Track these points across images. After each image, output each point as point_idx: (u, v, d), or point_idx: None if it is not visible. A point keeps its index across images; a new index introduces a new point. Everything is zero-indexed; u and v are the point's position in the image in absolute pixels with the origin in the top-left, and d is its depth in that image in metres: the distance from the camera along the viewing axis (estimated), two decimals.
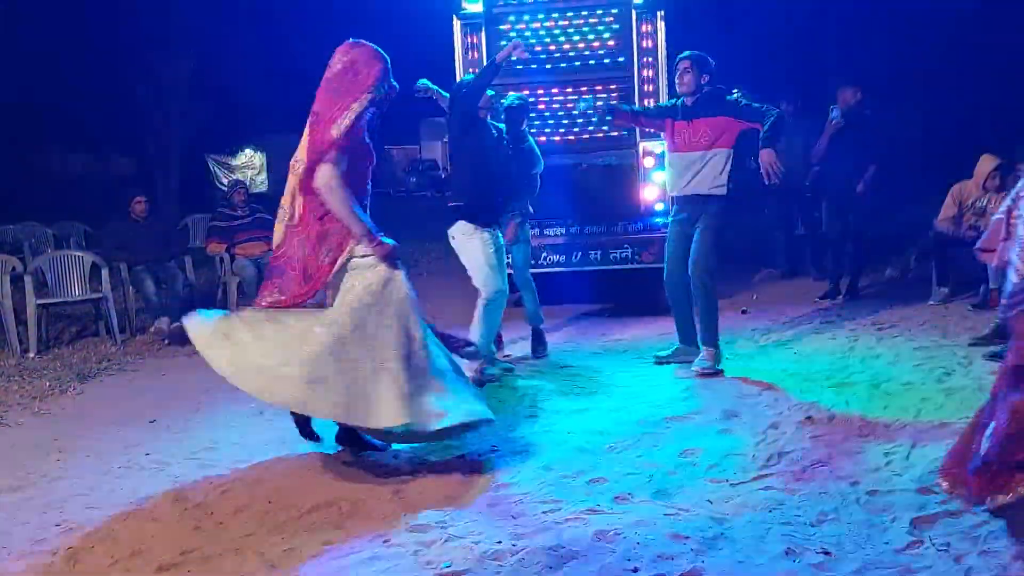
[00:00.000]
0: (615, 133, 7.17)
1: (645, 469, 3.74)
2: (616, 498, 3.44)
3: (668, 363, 5.51)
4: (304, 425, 4.09)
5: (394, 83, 3.95)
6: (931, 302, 6.93)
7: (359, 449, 4.06)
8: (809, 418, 4.29)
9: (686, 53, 5.33)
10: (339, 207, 3.75)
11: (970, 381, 4.77)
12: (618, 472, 3.72)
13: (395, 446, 4.08)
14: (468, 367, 5.25)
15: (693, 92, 5.28)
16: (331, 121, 3.74)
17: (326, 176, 3.72)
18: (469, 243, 5.30)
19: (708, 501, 3.37)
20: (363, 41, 3.93)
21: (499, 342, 5.97)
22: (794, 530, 3.07)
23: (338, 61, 3.86)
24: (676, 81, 5.38)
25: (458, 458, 4.01)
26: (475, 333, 5.20)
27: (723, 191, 5.26)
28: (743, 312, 7.23)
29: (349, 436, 4.05)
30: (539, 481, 3.67)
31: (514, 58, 5.30)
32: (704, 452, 3.91)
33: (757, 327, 6.62)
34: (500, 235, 5.47)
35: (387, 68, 3.90)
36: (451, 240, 5.43)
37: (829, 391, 4.77)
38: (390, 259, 3.89)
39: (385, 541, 3.16)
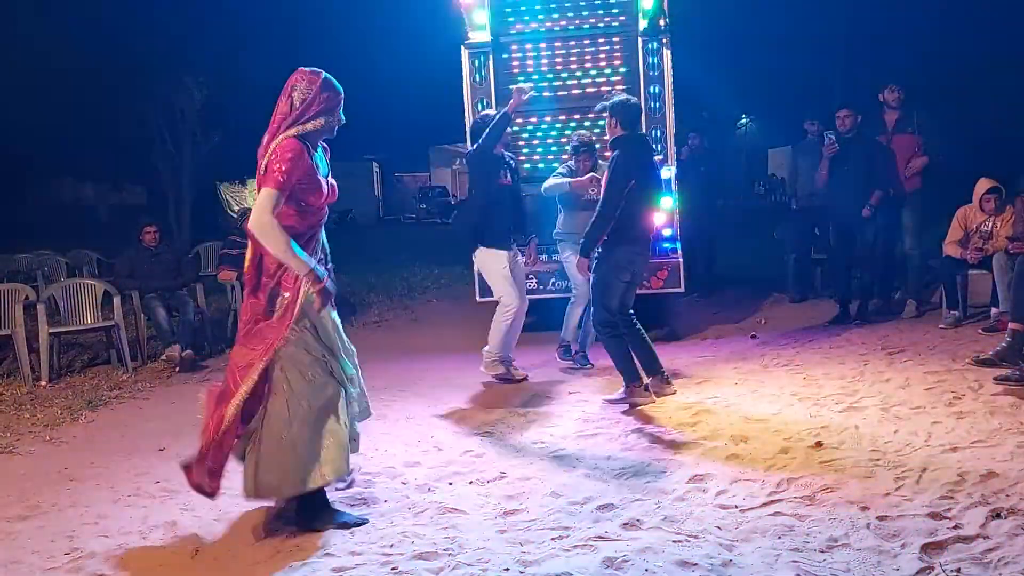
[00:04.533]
0: None
1: (653, 495, 3.73)
2: (624, 524, 3.43)
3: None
4: None
5: (341, 116, 3.63)
6: (941, 326, 6.90)
7: None
8: (819, 443, 4.27)
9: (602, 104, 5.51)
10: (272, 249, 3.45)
11: (981, 405, 4.74)
12: (626, 498, 3.70)
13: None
14: (486, 371, 5.98)
15: (610, 139, 5.46)
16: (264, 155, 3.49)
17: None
18: (487, 261, 6.01)
19: (717, 527, 3.35)
20: (305, 68, 3.59)
21: (568, 350, 6.46)
22: (804, 556, 3.05)
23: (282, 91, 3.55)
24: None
25: (467, 484, 4.01)
26: (492, 336, 5.95)
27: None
28: (752, 337, 7.22)
29: None
30: (547, 508, 3.66)
31: (525, 98, 5.74)
32: (713, 478, 3.89)
33: (766, 351, 6.61)
34: (519, 254, 6.09)
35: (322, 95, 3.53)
36: (474, 259, 6.18)
37: (839, 415, 4.75)
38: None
39: (393, 568, 3.16)
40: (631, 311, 5.46)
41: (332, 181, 3.70)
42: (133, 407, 6.20)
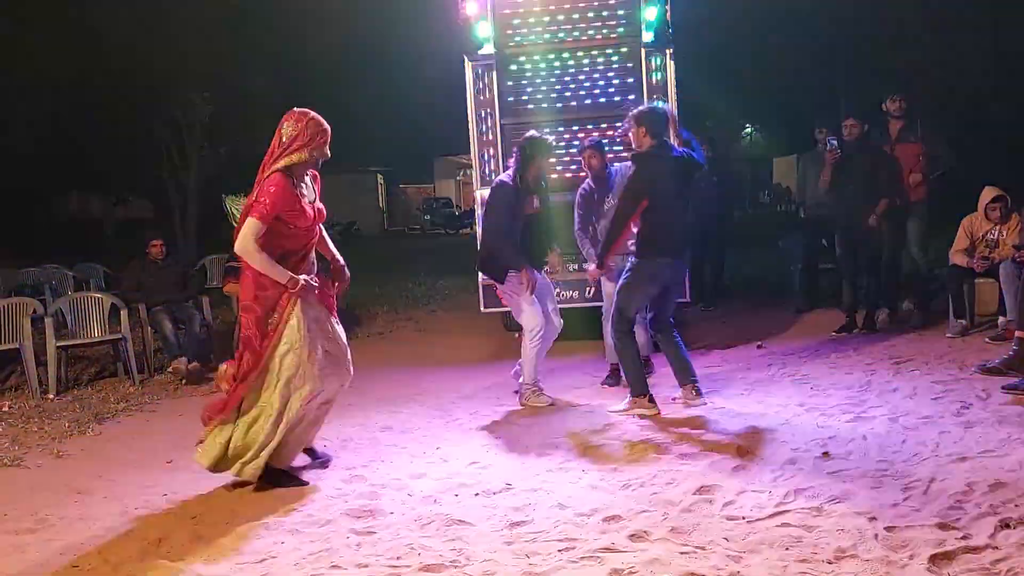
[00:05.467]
0: None
1: (660, 506, 3.72)
2: (631, 536, 3.42)
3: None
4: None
5: (326, 151, 4.26)
6: (948, 335, 6.88)
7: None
8: (826, 453, 4.25)
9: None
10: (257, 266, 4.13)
11: (989, 414, 4.72)
12: (633, 510, 3.69)
13: None
14: (527, 404, 5.66)
15: (635, 148, 5.38)
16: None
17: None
18: (512, 282, 5.64)
19: (724, 538, 3.34)
20: (296, 109, 4.27)
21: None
22: (812, 567, 3.04)
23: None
24: None
25: (473, 496, 4.01)
26: (524, 366, 5.70)
27: (631, 247, 5.39)
28: (759, 347, 7.21)
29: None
30: (553, 519, 3.65)
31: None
32: (720, 488, 3.88)
33: (773, 361, 6.60)
34: (540, 273, 5.74)
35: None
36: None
37: (846, 425, 4.73)
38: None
39: None
40: (671, 319, 5.47)
41: (319, 206, 4.34)
42: (140, 420, 6.22)
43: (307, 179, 4.30)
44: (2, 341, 7.18)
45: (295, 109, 4.24)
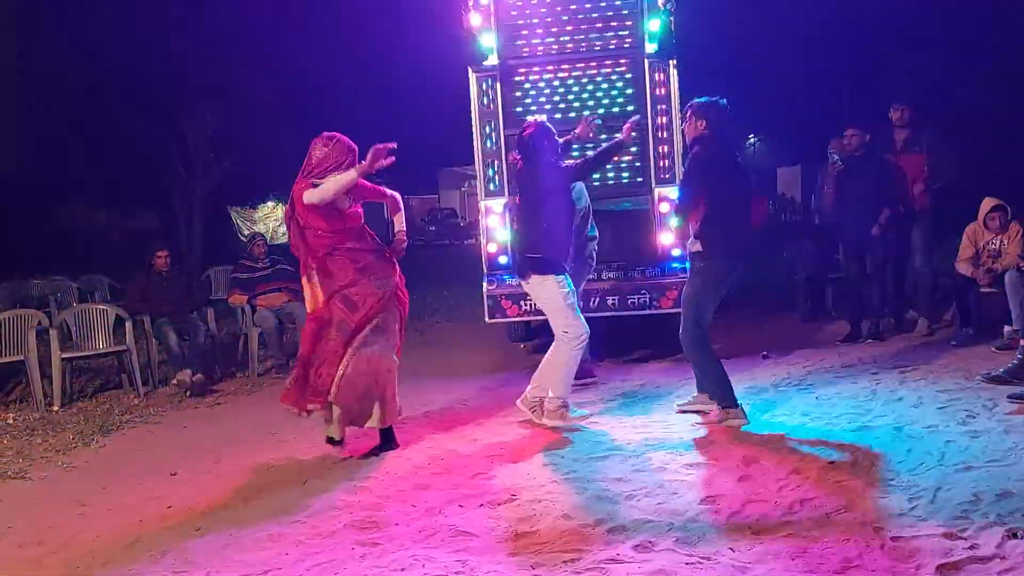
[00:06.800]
0: (627, 178, 7.27)
1: (665, 517, 3.71)
2: (636, 547, 3.41)
3: (688, 412, 5.44)
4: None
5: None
6: (953, 343, 6.86)
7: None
8: (831, 463, 4.24)
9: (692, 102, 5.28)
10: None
11: (995, 424, 4.70)
12: (638, 520, 3.68)
13: None
14: (550, 422, 5.30)
15: (692, 141, 5.24)
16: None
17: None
18: (545, 290, 5.35)
19: (730, 549, 3.33)
20: (326, 132, 4.96)
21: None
22: None
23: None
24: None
25: (477, 507, 4.00)
26: (556, 379, 5.28)
27: (698, 247, 5.15)
28: (764, 356, 7.19)
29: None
30: (558, 530, 3.64)
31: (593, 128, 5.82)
32: (725, 498, 3.87)
33: (778, 370, 6.58)
34: (569, 280, 5.45)
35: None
36: (529, 291, 5.56)
37: (851, 435, 4.72)
38: None
39: None
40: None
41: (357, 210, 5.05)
42: (145, 432, 6.22)
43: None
44: (7, 353, 7.19)
45: (324, 133, 4.80)
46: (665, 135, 7.13)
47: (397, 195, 5.32)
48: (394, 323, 4.99)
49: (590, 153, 6.01)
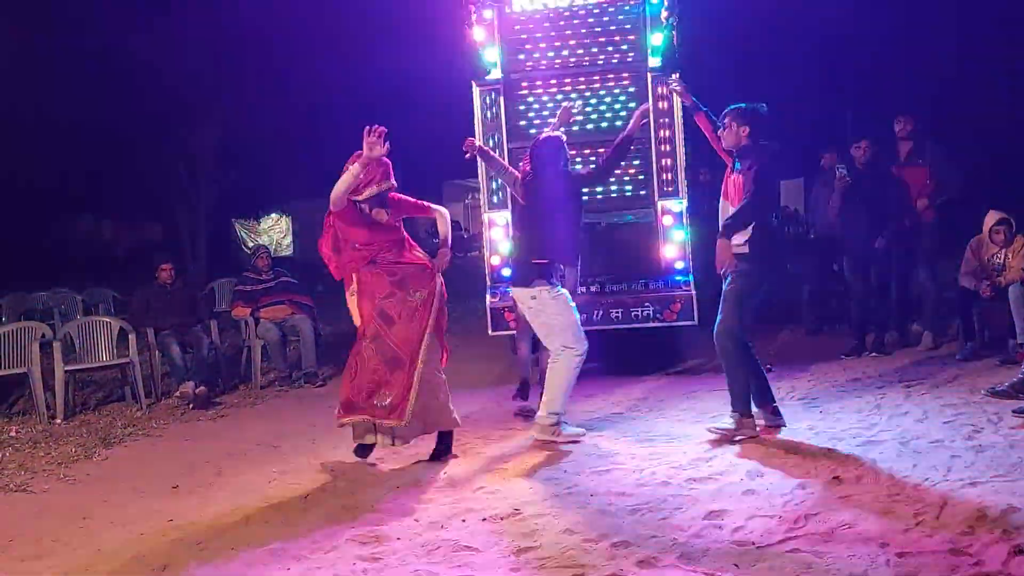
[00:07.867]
0: (630, 192, 7.28)
1: (669, 532, 3.69)
2: (640, 562, 3.39)
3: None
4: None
5: (392, 181, 5.02)
6: (958, 357, 6.83)
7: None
8: (836, 478, 4.22)
9: (730, 107, 5.24)
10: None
11: (1000, 438, 4.68)
12: (642, 535, 3.66)
13: None
14: (540, 436, 5.26)
15: (733, 146, 5.21)
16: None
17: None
18: (553, 301, 5.26)
19: (734, 564, 3.31)
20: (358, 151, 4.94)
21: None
22: None
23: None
24: None
25: (480, 521, 3.98)
26: (556, 392, 5.22)
27: (744, 250, 5.09)
28: (768, 369, 7.13)
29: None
30: (561, 545, 3.62)
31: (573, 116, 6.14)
32: (729, 514, 3.85)
33: (782, 384, 6.56)
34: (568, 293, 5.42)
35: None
36: (528, 300, 5.34)
37: (856, 449, 4.69)
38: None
39: None
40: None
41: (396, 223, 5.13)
42: (147, 444, 6.22)
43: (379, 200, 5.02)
44: (10, 365, 7.20)
45: (358, 152, 4.85)
46: (668, 148, 7.14)
47: (443, 210, 5.35)
48: (440, 336, 5.16)
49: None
